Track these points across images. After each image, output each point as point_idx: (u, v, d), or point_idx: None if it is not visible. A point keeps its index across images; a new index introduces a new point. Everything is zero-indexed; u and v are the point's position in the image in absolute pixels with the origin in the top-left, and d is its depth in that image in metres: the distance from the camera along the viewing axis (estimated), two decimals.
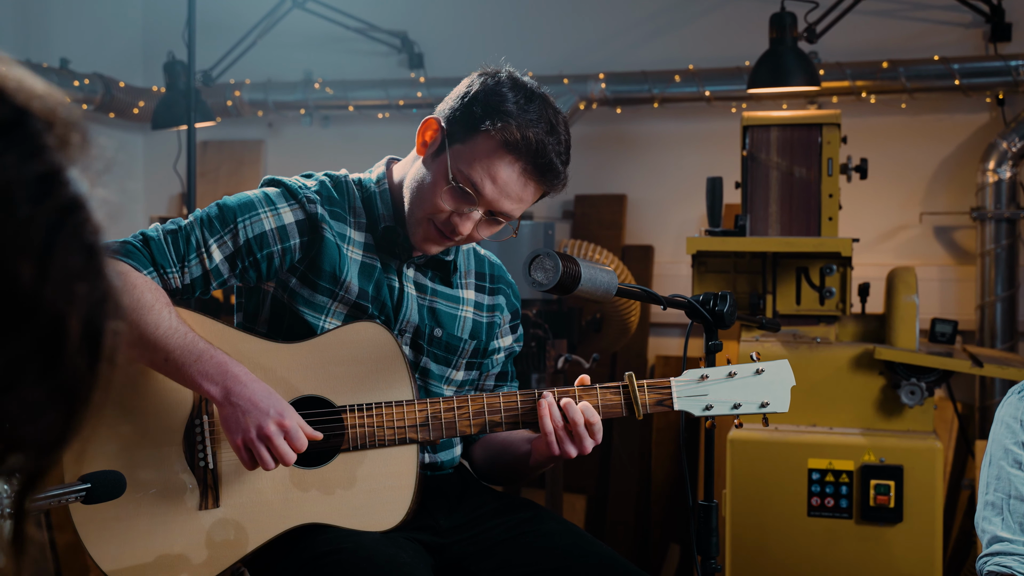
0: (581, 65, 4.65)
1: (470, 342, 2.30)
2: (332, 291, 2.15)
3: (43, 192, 0.73)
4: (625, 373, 2.18)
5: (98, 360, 0.77)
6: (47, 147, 0.74)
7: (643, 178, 4.78)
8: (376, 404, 2.10)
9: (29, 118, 0.75)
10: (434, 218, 2.12)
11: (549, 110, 2.09)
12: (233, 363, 2.00)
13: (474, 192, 2.07)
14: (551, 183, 2.11)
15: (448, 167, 2.08)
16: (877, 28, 4.37)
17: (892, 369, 3.27)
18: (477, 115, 2.06)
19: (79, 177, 0.76)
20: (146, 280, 2.02)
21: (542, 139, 2.05)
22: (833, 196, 3.49)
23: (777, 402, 2.20)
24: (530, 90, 2.09)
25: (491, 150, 2.05)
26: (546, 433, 2.08)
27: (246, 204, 2.14)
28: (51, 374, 0.74)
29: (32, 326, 0.72)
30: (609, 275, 2.12)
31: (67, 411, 0.78)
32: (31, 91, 0.76)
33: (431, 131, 2.14)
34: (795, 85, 3.71)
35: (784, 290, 3.49)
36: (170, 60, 4.56)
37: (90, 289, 0.75)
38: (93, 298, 0.76)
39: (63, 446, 0.79)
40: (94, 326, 0.76)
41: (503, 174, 2.05)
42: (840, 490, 3.23)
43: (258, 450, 1.97)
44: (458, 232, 2.11)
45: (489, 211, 2.10)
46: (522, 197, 2.10)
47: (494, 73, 2.12)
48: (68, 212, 0.74)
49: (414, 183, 2.15)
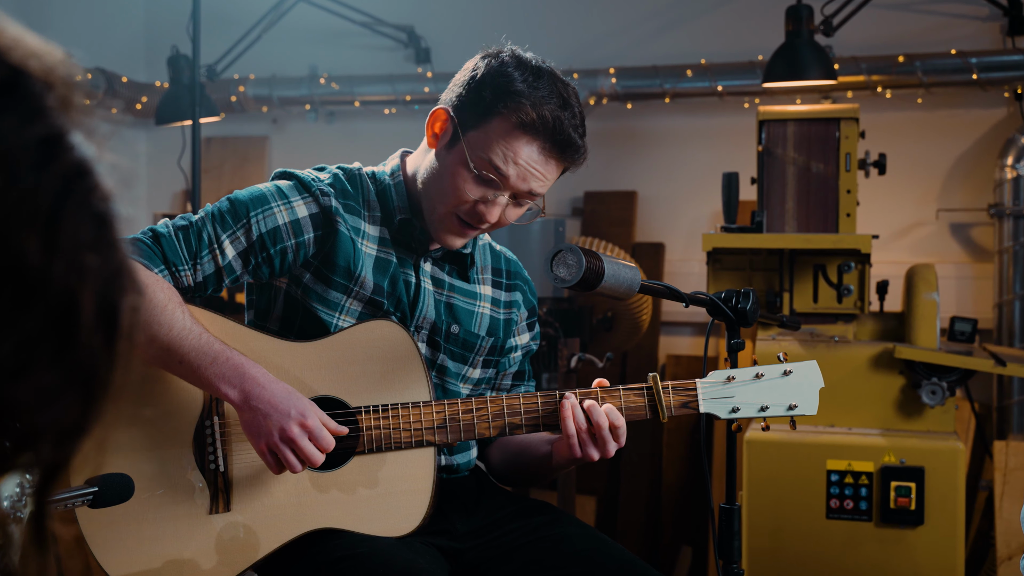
0: (591, 59, 4.59)
1: (487, 339, 2.24)
2: (346, 287, 2.09)
3: (46, 157, 0.67)
4: (648, 374, 2.12)
5: (115, 337, 0.72)
6: (48, 109, 0.69)
7: (654, 174, 4.73)
8: (392, 405, 2.05)
9: (27, 78, 0.69)
10: (458, 210, 2.06)
11: (559, 84, 2.03)
12: (250, 364, 1.94)
13: (498, 177, 2.01)
14: (572, 158, 2.06)
15: (466, 156, 2.02)
16: (893, 22, 4.31)
17: (912, 368, 3.20)
18: (487, 99, 2.01)
19: (84, 141, 0.70)
20: (157, 279, 1.96)
21: (558, 115, 1.99)
22: (851, 192, 3.43)
23: (805, 404, 2.15)
24: (536, 67, 2.03)
25: (508, 132, 2.00)
26: (569, 435, 2.02)
27: (258, 198, 2.08)
28: (66, 355, 0.69)
29: (42, 304, 0.67)
30: (632, 271, 2.06)
31: (86, 394, 0.72)
32: (28, 49, 0.70)
33: (440, 122, 2.08)
34: (812, 79, 3.65)
35: (801, 288, 3.43)
36: (174, 54, 4.52)
37: (103, 261, 0.70)
38: (107, 270, 0.70)
39: (83, 433, 0.73)
40: (109, 300, 0.71)
41: (524, 154, 2.00)
42: (859, 492, 3.16)
43: (283, 453, 1.91)
44: (485, 220, 2.05)
45: (513, 194, 2.05)
46: (545, 175, 2.04)
47: (496, 54, 2.06)
48: (75, 178, 0.69)
49: (431, 178, 2.09)
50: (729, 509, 2.29)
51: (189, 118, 4.04)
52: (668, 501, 4.50)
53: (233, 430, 2.04)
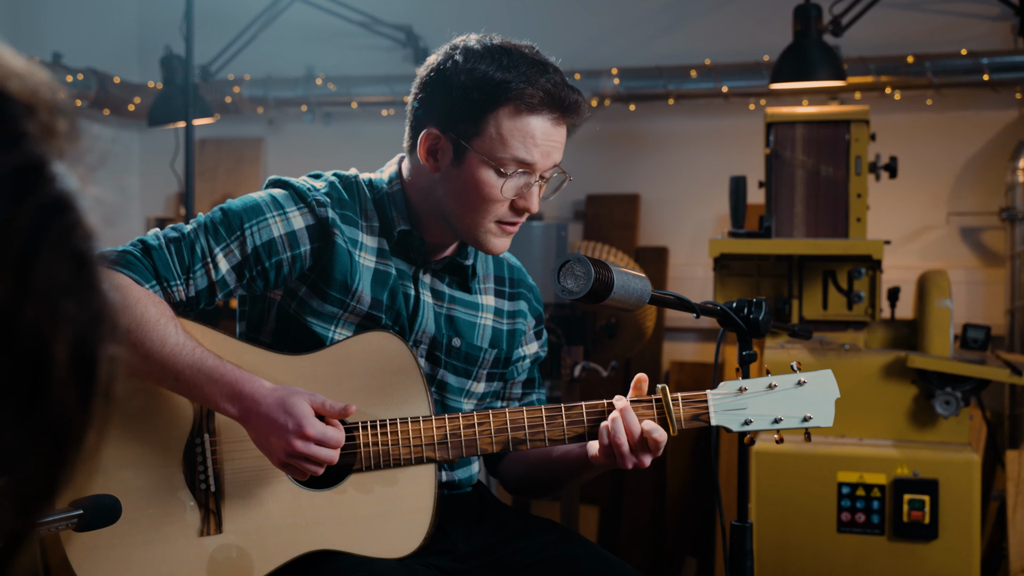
0: (593, 60, 4.52)
1: (490, 351, 2.16)
2: (343, 301, 2.01)
3: (22, 189, 0.61)
4: (657, 386, 2.04)
5: (91, 393, 0.65)
6: (27, 135, 0.63)
7: (657, 177, 4.65)
8: (391, 420, 1.97)
9: (5, 100, 0.63)
10: (497, 215, 2.00)
11: (526, 52, 1.99)
12: (246, 378, 1.88)
13: (527, 166, 1.96)
14: (579, 113, 2.01)
15: (487, 162, 1.95)
16: (902, 21, 4.24)
17: (925, 378, 3.13)
18: (479, 100, 1.94)
19: (66, 172, 0.64)
20: (148, 294, 1.89)
21: (549, 82, 1.95)
22: (861, 196, 3.35)
23: (821, 416, 2.08)
24: (498, 47, 1.98)
25: (517, 120, 1.94)
26: (618, 445, 1.94)
27: (252, 208, 2.00)
28: (33, 412, 0.62)
29: (8, 353, 0.60)
30: (642, 282, 1.98)
31: (53, 457, 0.64)
32: (8, 68, 0.64)
33: (433, 143, 2.01)
34: (821, 80, 3.57)
35: (810, 294, 3.35)
36: (167, 54, 4.45)
37: (79, 307, 0.64)
38: (83, 317, 0.64)
39: (49, 500, 0.66)
40: (85, 351, 0.64)
41: (539, 133, 1.96)
42: (871, 505, 3.09)
43: (299, 466, 1.87)
44: (530, 209, 2.01)
45: (541, 174, 2.00)
46: (559, 143, 2.00)
47: (449, 56, 2.00)
48: (53, 213, 0.63)
49: (451, 198, 2.01)
50: (741, 527, 2.21)
51: (183, 119, 3.97)
52: (672, 511, 4.42)
53: (225, 447, 1.97)
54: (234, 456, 1.97)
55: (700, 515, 4.39)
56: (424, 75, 2.03)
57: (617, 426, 1.95)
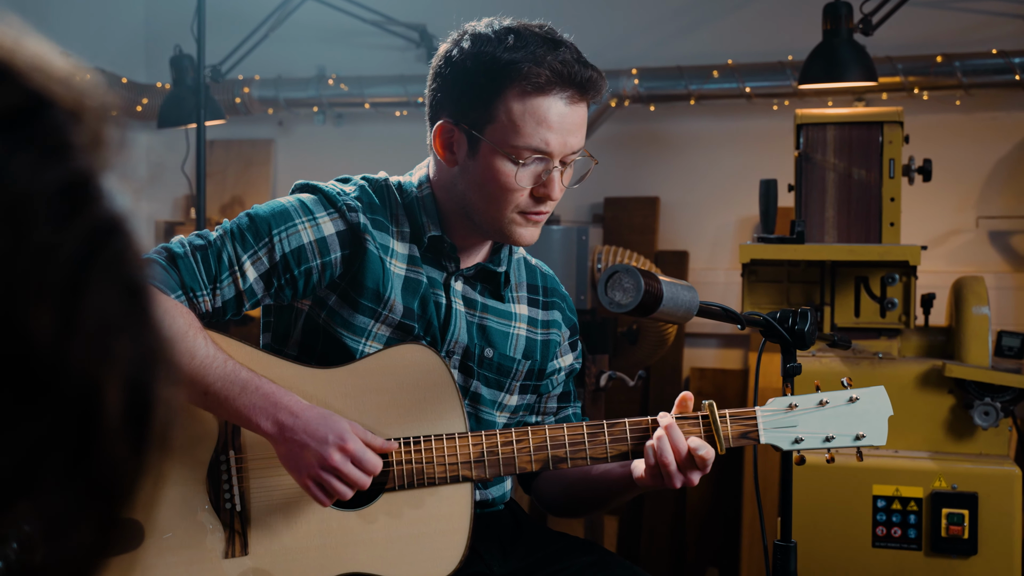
0: (612, 60, 4.43)
1: (524, 362, 2.07)
2: (374, 311, 1.93)
3: (69, 209, 0.55)
4: (704, 402, 1.96)
5: (146, 444, 0.58)
6: (74, 146, 0.56)
7: (677, 180, 4.56)
8: (424, 437, 1.90)
9: (49, 107, 0.55)
10: (518, 206, 1.90)
11: (533, 29, 1.89)
12: (283, 392, 1.80)
13: (543, 152, 1.86)
14: (595, 88, 1.89)
15: (502, 151, 1.85)
16: (930, 20, 4.15)
17: (963, 388, 3.03)
18: (485, 85, 1.85)
19: (117, 188, 0.57)
20: (175, 304, 1.81)
21: (560, 58, 1.84)
22: (895, 200, 3.26)
23: (874, 434, 2.01)
24: (503, 28, 1.89)
25: (527, 102, 1.84)
26: (665, 464, 1.85)
27: (281, 214, 1.91)
28: (82, 469, 0.54)
29: (53, 400, 0.52)
30: (690, 292, 1.89)
31: (103, 519, 0.56)
32: (51, 72, 0.57)
33: (448, 135, 1.92)
34: (851, 80, 3.47)
35: (842, 301, 3.25)
36: (177, 54, 4.39)
37: (133, 344, 0.57)
38: (137, 357, 0.57)
39: (98, 567, 0.57)
40: (141, 396, 0.57)
41: (553, 115, 1.84)
42: (908, 519, 2.99)
43: (329, 483, 1.78)
44: (553, 197, 1.90)
45: (561, 160, 1.89)
46: (579, 123, 1.89)
47: (457, 40, 1.92)
48: (104, 237, 0.56)
49: (471, 191, 1.92)
50: (785, 547, 2.13)
51: (193, 121, 3.89)
52: (692, 521, 4.33)
53: (251, 464, 1.89)
54: (261, 474, 1.89)
55: (722, 526, 4.29)
56: (435, 65, 1.95)
57: (663, 444, 1.86)
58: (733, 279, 4.35)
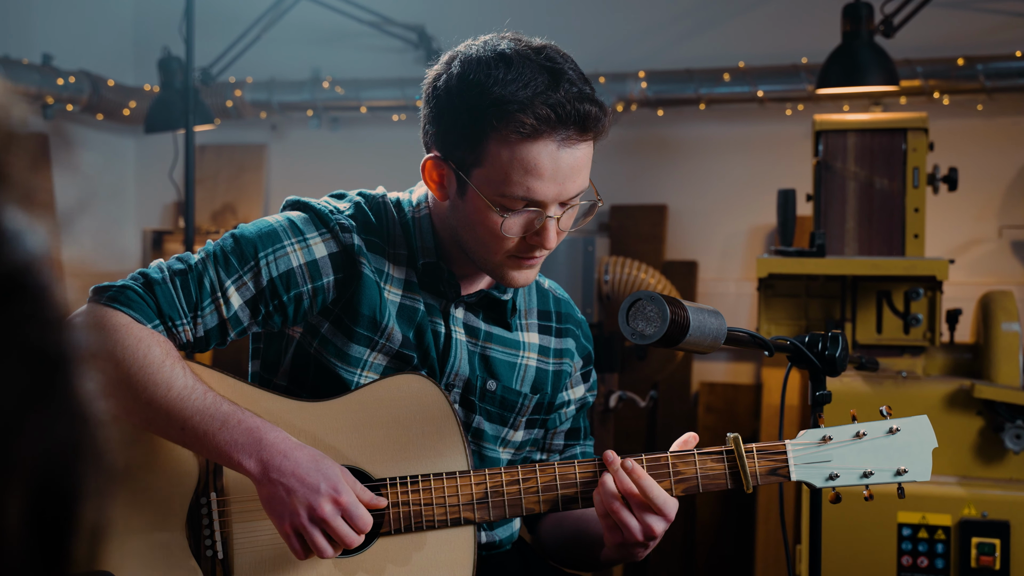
0: (619, 62, 4.31)
1: (531, 396, 1.91)
2: (371, 339, 1.78)
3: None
4: (728, 435, 1.79)
5: (64, 562, 0.50)
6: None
7: (686, 187, 4.46)
8: (423, 476, 1.75)
9: None
10: (509, 252, 1.73)
11: (533, 56, 1.66)
12: (268, 427, 1.65)
13: (534, 202, 1.67)
14: (597, 127, 1.67)
15: (485, 199, 1.67)
16: (951, 22, 4.02)
17: (993, 409, 2.89)
18: (469, 125, 1.65)
19: (24, 226, 0.48)
20: (151, 332, 1.67)
21: (557, 99, 1.62)
22: (919, 210, 3.11)
23: (916, 469, 1.86)
24: (500, 54, 1.66)
25: (515, 150, 1.64)
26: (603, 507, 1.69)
27: (268, 234, 1.77)
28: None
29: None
30: (717, 319, 1.73)
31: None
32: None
33: (435, 171, 1.75)
34: (872, 84, 3.33)
35: (863, 317, 3.10)
36: (165, 56, 4.30)
37: (41, 440, 0.48)
38: (49, 457, 0.48)
39: None
40: (51, 506, 0.48)
41: (546, 161, 1.64)
42: (935, 548, 2.85)
43: (312, 537, 1.63)
44: (546, 246, 1.71)
45: (559, 203, 1.69)
46: (578, 166, 1.67)
47: (447, 64, 1.72)
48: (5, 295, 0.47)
49: (462, 229, 1.76)
50: None
51: (182, 126, 3.78)
52: (702, 542, 4.18)
53: (234, 508, 1.75)
54: (244, 518, 1.75)
55: (732, 548, 4.14)
56: (425, 90, 1.76)
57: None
58: (744, 290, 4.20)
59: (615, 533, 1.71)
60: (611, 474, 1.70)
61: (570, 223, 1.75)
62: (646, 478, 1.69)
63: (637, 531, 1.69)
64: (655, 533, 1.71)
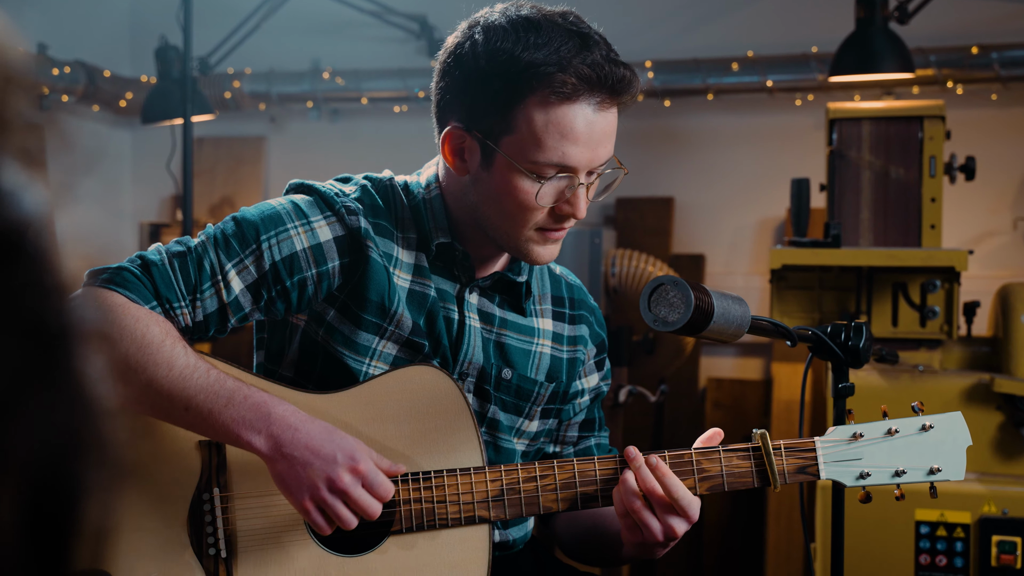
0: (625, 51, 4.09)
1: (547, 385, 1.85)
2: (379, 326, 1.71)
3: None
4: (755, 431, 1.73)
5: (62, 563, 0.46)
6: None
7: (693, 179, 4.42)
8: (436, 472, 1.70)
9: None
10: (537, 223, 1.68)
11: (559, 21, 1.64)
12: (275, 402, 1.59)
13: (567, 168, 1.63)
14: (629, 91, 1.66)
15: (519, 166, 1.63)
16: (966, 9, 3.99)
17: (1013, 403, 2.83)
18: (503, 90, 1.61)
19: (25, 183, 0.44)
20: (148, 312, 1.61)
21: (590, 59, 1.60)
22: (936, 200, 3.05)
23: (950, 467, 1.81)
24: (525, 19, 1.64)
25: (550, 112, 1.60)
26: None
27: (271, 217, 1.71)
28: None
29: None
30: (742, 307, 1.67)
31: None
32: None
33: (458, 141, 1.69)
34: (886, 71, 3.27)
35: (878, 309, 3.04)
36: (162, 46, 4.25)
37: (37, 426, 0.43)
38: (45, 442, 0.44)
39: None
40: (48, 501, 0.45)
41: (580, 124, 1.61)
42: (954, 547, 2.79)
43: (335, 509, 1.58)
44: (577, 216, 1.69)
45: (587, 172, 1.67)
46: (609, 131, 1.66)
47: (468, 33, 1.67)
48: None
49: (485, 205, 1.71)
50: None
51: (180, 116, 3.73)
52: (710, 541, 4.12)
53: (238, 504, 1.70)
54: (248, 515, 1.70)
55: (740, 546, 4.08)
56: (443, 61, 1.71)
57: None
58: (752, 284, 4.14)
59: (635, 532, 1.65)
60: (633, 471, 1.64)
61: (595, 191, 1.72)
62: (670, 476, 1.63)
63: (658, 532, 1.63)
64: (676, 534, 1.64)
